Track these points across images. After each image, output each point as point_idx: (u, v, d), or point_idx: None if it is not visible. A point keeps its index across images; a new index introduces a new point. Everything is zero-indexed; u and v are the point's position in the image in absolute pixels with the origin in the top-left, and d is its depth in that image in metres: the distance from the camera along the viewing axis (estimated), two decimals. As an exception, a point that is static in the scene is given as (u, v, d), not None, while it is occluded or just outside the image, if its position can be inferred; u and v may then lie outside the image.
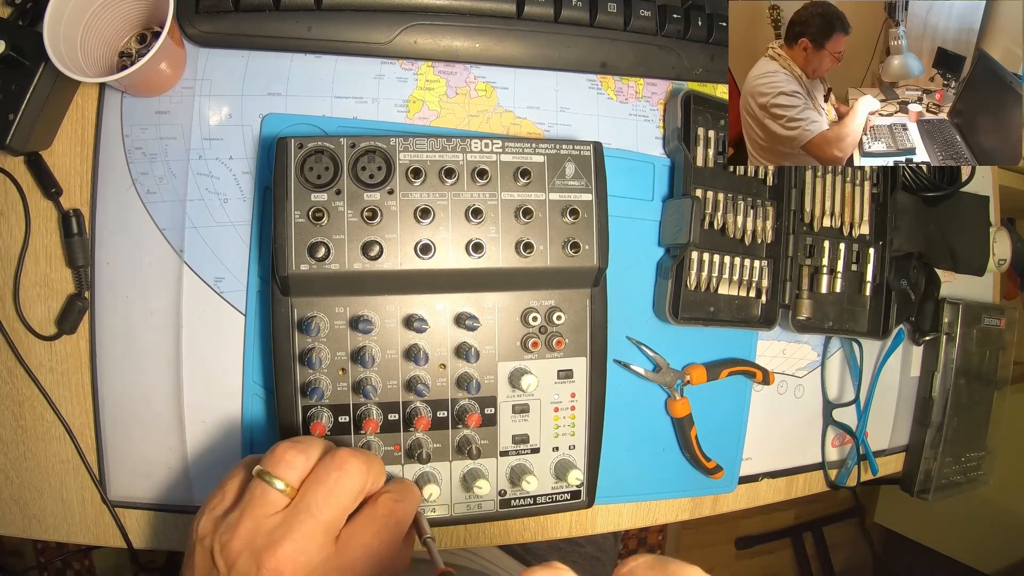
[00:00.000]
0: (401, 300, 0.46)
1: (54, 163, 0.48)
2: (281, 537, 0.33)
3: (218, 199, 0.49)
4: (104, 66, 0.47)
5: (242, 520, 0.34)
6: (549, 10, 0.52)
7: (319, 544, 0.34)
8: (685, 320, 0.56)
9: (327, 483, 0.35)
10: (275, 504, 0.35)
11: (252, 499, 0.35)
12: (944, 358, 0.71)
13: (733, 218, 0.57)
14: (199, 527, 0.36)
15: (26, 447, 0.49)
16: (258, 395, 0.49)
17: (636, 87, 0.57)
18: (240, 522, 0.34)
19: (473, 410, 0.48)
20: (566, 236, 0.47)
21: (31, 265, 0.48)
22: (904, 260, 0.64)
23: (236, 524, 0.34)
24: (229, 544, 0.33)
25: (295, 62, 0.50)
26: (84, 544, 0.62)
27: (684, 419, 0.58)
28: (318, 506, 0.35)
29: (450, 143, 0.45)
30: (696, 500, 0.62)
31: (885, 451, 0.72)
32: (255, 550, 0.33)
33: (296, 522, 0.34)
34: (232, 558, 0.33)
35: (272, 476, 0.35)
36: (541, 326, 0.49)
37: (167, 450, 0.49)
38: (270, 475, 0.35)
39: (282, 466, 0.36)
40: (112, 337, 0.49)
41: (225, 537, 0.34)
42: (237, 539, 0.33)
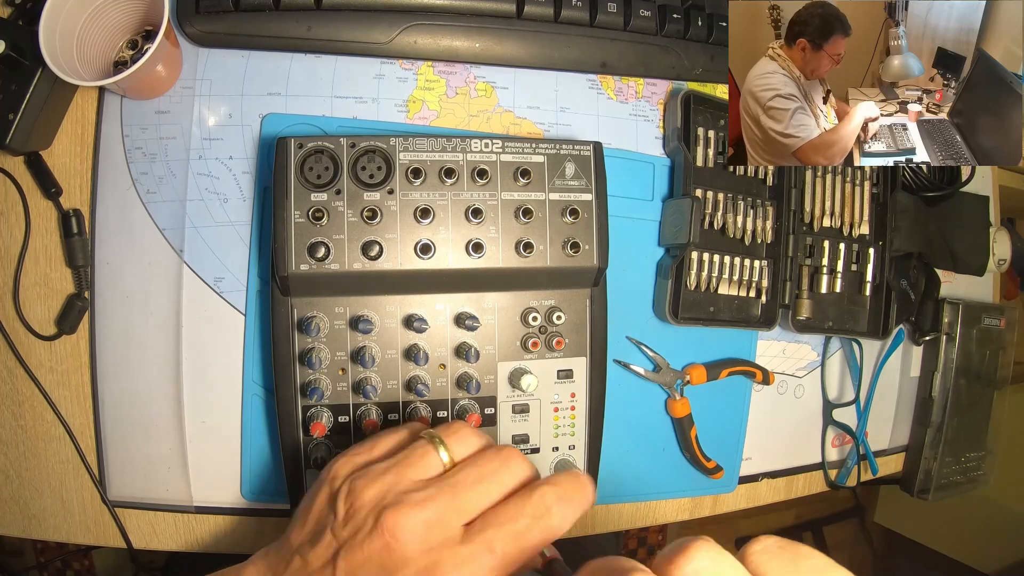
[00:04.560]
0: (401, 300, 0.46)
1: (54, 163, 0.48)
2: (415, 502, 0.30)
3: (218, 199, 0.49)
4: (101, 68, 0.47)
5: (387, 473, 0.32)
6: (549, 10, 0.52)
7: (448, 524, 0.30)
8: (685, 320, 0.56)
9: (483, 468, 0.32)
10: (430, 469, 0.33)
11: (410, 456, 0.33)
12: (944, 358, 0.71)
13: (733, 218, 0.57)
14: (333, 467, 0.34)
15: (26, 447, 0.49)
16: (258, 395, 0.49)
17: (636, 87, 0.57)
18: (384, 473, 0.32)
19: (473, 410, 0.48)
20: (566, 236, 0.47)
21: (31, 265, 0.48)
22: (904, 260, 0.64)
23: (379, 474, 0.32)
24: (362, 491, 0.31)
25: (295, 62, 0.50)
26: (84, 544, 0.62)
27: (684, 419, 0.58)
28: (463, 485, 0.32)
29: (450, 143, 0.45)
30: (696, 500, 0.62)
31: (885, 451, 0.72)
32: (382, 505, 0.30)
33: (437, 494, 0.31)
34: (357, 506, 0.31)
35: (443, 444, 0.34)
36: (541, 326, 0.49)
37: (167, 450, 0.49)
38: (442, 441, 0.34)
39: (455, 439, 0.34)
40: (112, 337, 0.49)
41: (359, 483, 0.32)
42: (371, 488, 0.31)
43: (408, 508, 0.30)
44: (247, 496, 0.50)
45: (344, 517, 0.31)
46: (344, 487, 0.32)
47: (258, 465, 0.50)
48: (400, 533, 0.29)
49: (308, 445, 0.46)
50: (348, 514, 0.31)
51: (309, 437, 0.45)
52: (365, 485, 0.31)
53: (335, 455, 0.46)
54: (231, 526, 0.51)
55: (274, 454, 0.49)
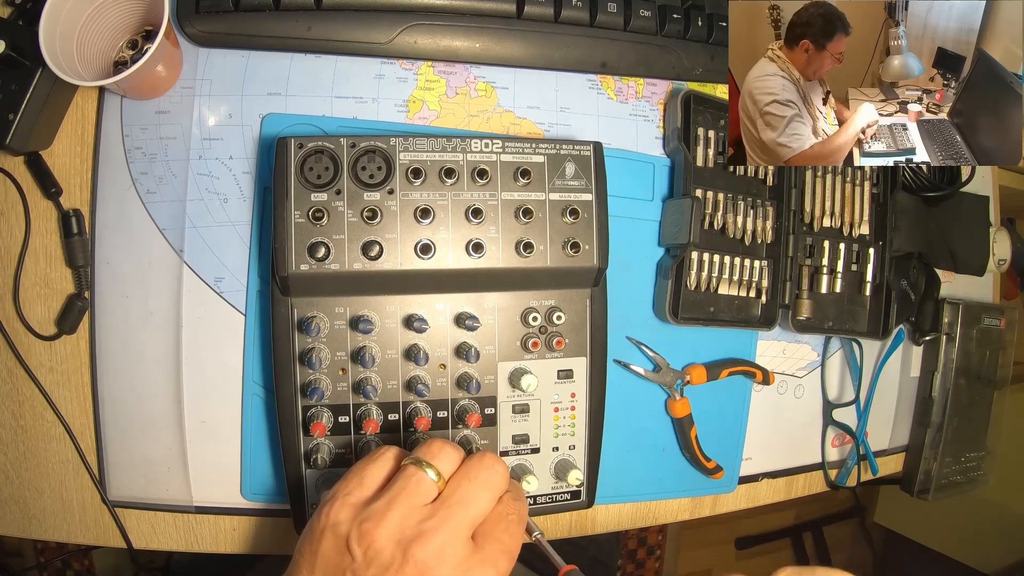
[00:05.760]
0: (401, 300, 0.46)
1: (54, 163, 0.48)
2: (432, 529, 0.33)
3: (218, 199, 0.49)
4: (101, 68, 0.47)
5: (392, 508, 0.33)
6: (549, 10, 0.52)
7: (464, 539, 0.34)
8: (685, 320, 0.56)
9: (479, 479, 0.35)
10: (428, 494, 0.35)
11: (406, 487, 0.34)
12: (944, 358, 0.71)
13: (733, 218, 0.57)
14: (332, 513, 0.34)
15: (26, 447, 0.49)
16: (258, 395, 0.49)
17: (636, 87, 0.57)
18: (389, 510, 0.33)
19: (473, 410, 0.48)
20: (566, 236, 0.46)
21: (31, 265, 0.48)
22: (904, 260, 0.64)
23: (384, 512, 0.33)
24: (373, 532, 0.32)
25: (295, 62, 0.50)
26: (84, 544, 0.62)
27: (684, 419, 0.58)
28: (470, 500, 0.34)
29: (450, 143, 0.45)
30: (696, 500, 0.62)
31: (885, 451, 0.72)
32: (404, 541, 0.32)
33: (449, 515, 0.33)
34: (377, 547, 0.32)
35: (430, 466, 0.35)
36: (541, 326, 0.49)
37: (167, 450, 0.49)
38: (429, 464, 0.35)
39: (440, 458, 0.36)
40: (112, 337, 0.49)
41: (368, 525, 0.33)
42: (384, 528, 0.33)
43: (429, 536, 0.32)
44: (247, 496, 0.50)
45: (364, 560, 0.32)
46: (354, 531, 0.33)
47: (258, 465, 0.50)
48: (430, 561, 0.32)
49: (308, 445, 0.46)
50: (368, 556, 0.32)
51: (309, 437, 0.45)
52: (376, 526, 0.33)
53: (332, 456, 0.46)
54: (231, 526, 0.51)
55: (274, 454, 0.49)
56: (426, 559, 0.32)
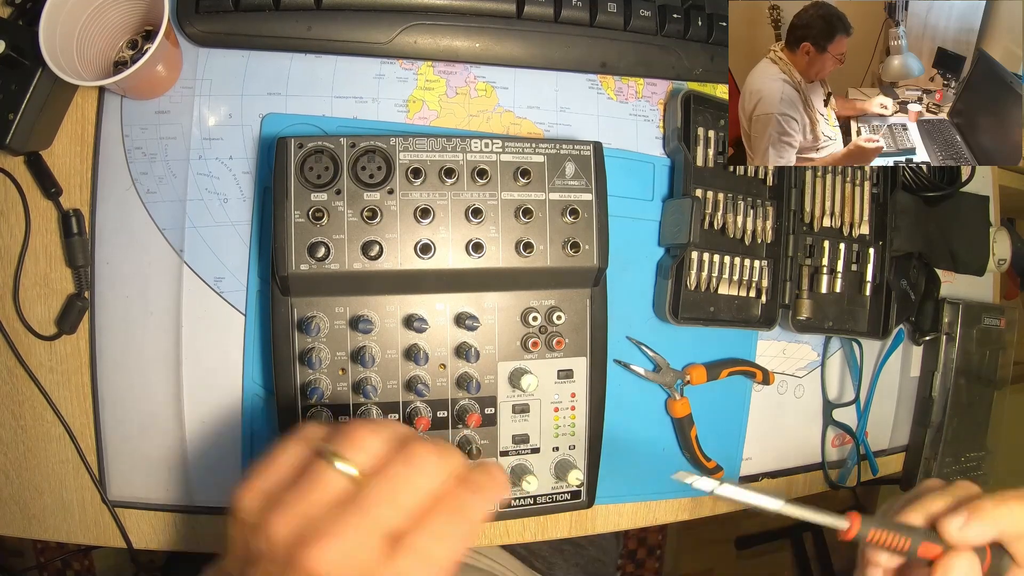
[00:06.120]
0: (401, 300, 0.46)
1: (54, 163, 0.48)
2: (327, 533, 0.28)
3: (218, 199, 0.49)
4: (101, 68, 0.47)
5: (295, 502, 0.29)
6: (549, 10, 0.52)
7: (370, 547, 0.28)
8: (685, 320, 0.56)
9: (392, 478, 0.30)
10: (336, 489, 0.29)
11: (311, 480, 0.30)
12: (944, 358, 0.71)
13: (733, 218, 0.57)
14: (239, 499, 0.31)
15: (26, 447, 0.49)
16: (258, 395, 0.49)
17: (636, 87, 0.57)
18: (292, 503, 0.29)
19: (473, 410, 0.48)
20: (566, 236, 0.47)
21: (31, 265, 0.48)
22: (904, 260, 0.64)
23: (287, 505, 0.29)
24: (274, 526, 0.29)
25: (295, 62, 0.50)
26: (84, 544, 0.62)
27: (684, 419, 0.58)
28: (377, 503, 0.29)
29: (450, 143, 0.45)
30: (696, 500, 0.62)
31: (885, 451, 0.72)
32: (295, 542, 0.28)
33: (349, 518, 0.28)
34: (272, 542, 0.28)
35: (339, 457, 0.30)
36: (541, 326, 0.49)
37: (167, 450, 0.49)
38: (338, 456, 0.30)
39: (352, 447, 0.30)
40: (112, 337, 0.49)
41: (270, 516, 0.29)
42: (283, 523, 0.28)
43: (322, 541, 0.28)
44: (247, 496, 0.50)
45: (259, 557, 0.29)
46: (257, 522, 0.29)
47: (258, 465, 0.50)
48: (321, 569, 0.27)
49: (308, 445, 0.46)
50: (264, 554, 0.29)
51: (309, 437, 0.45)
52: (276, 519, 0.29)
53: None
54: (231, 526, 0.51)
55: (274, 454, 0.49)
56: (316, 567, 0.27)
